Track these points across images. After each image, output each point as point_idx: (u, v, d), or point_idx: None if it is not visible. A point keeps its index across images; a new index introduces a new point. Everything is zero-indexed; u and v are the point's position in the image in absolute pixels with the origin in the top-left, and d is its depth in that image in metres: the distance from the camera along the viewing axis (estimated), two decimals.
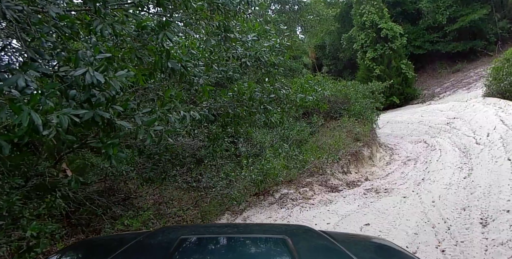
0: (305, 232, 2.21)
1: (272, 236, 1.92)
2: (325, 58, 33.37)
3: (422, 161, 10.02)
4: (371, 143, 10.35)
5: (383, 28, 21.85)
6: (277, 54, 4.39)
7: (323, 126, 11.58)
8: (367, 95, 12.85)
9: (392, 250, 1.96)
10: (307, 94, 4.25)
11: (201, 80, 3.03)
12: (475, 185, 6.47)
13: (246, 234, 2.04)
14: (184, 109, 3.90)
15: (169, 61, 2.42)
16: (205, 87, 3.01)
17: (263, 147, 8.65)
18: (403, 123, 16.78)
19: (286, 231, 2.16)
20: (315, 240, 1.97)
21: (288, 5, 18.69)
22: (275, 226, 3.28)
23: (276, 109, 4.29)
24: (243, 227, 2.87)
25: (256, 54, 3.82)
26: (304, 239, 1.99)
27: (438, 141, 11.68)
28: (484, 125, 10.53)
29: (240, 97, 4.51)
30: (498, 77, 13.01)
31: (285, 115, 4.25)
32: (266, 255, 1.72)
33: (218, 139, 4.31)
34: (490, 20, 24.37)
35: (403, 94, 22.64)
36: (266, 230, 2.33)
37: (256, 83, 4.61)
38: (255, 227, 2.95)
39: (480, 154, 8.50)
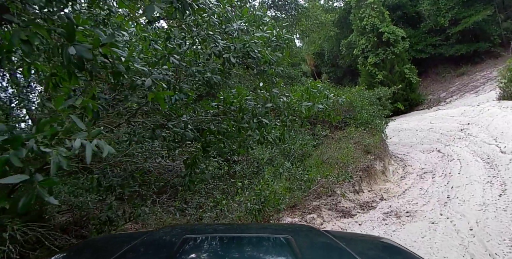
0: (308, 231, 2.24)
1: (275, 236, 1.94)
2: (324, 66, 32.55)
3: (440, 174, 8.91)
4: (383, 155, 9.26)
5: (385, 32, 20.98)
6: (273, 50, 3.36)
7: (327, 137, 10.52)
8: (374, 102, 11.81)
9: (395, 249, 1.94)
10: (315, 102, 3.20)
11: (148, 81, 1.95)
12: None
13: (249, 234, 2.04)
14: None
15: (74, 45, 1.36)
16: (158, 94, 1.94)
17: (261, 164, 7.58)
18: (411, 130, 15.70)
19: (289, 230, 2.18)
20: (318, 240, 1.97)
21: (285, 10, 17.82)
22: (278, 226, 3.37)
23: (274, 122, 3.23)
24: (246, 227, 2.77)
25: (244, 48, 2.78)
26: (307, 239, 1.99)
27: (454, 149, 10.59)
28: (506, 132, 9.45)
29: (227, 108, 3.47)
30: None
31: (286, 131, 3.18)
32: (269, 254, 1.70)
33: (198, 163, 3.26)
34: (494, 21, 23.57)
35: (408, 100, 21.66)
36: (269, 229, 2.39)
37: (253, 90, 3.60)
38: (258, 226, 3.03)
39: (510, 165, 7.40)
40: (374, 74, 21.64)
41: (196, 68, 2.70)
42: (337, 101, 3.40)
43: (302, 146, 7.91)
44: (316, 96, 3.19)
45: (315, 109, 3.10)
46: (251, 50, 2.76)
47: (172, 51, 2.37)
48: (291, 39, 27.53)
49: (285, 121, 3.17)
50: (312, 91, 3.29)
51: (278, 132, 3.22)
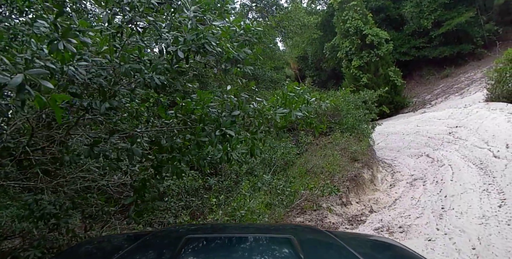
0: (311, 232, 2.24)
1: (278, 236, 1.93)
2: (308, 69, 32.18)
3: (431, 181, 8.41)
4: (370, 162, 8.71)
5: (368, 34, 20.62)
6: (241, 45, 2.73)
7: (311, 144, 9.95)
8: (360, 105, 11.30)
9: (398, 249, 1.92)
10: (293, 109, 2.58)
11: (15, 79, 1.25)
12: None
13: (251, 234, 2.01)
14: None
15: None
16: (53, 97, 1.27)
17: (240, 175, 6.94)
18: (397, 134, 15.28)
19: (292, 230, 2.18)
20: (321, 240, 1.96)
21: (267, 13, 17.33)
22: (281, 226, 3.33)
23: (245, 135, 2.60)
24: (248, 227, 2.77)
25: (198, 40, 2.14)
26: (310, 239, 1.98)
27: (444, 154, 10.13)
28: (497, 135, 9.02)
29: (188, 117, 2.83)
30: (502, 79, 11.66)
31: (256, 145, 2.54)
32: (271, 254, 1.69)
33: (148, 188, 2.60)
34: (476, 23, 23.52)
35: (393, 103, 21.34)
36: (272, 229, 2.36)
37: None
38: (260, 226, 3.00)
39: (506, 171, 6.93)
40: (358, 77, 21.25)
41: (131, 66, 2.04)
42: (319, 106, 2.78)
43: (284, 155, 7.28)
44: (294, 101, 2.56)
45: (292, 118, 2.47)
46: (207, 43, 2.12)
47: (67, 34, 1.68)
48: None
49: (256, 133, 2.52)
50: (289, 95, 2.67)
51: (246, 147, 2.58)
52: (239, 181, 6.73)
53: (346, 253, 1.63)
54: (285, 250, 1.69)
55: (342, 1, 21.72)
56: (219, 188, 6.21)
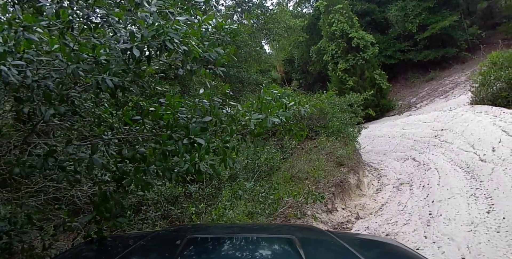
0: (312, 232, 2.20)
1: (279, 236, 1.94)
2: (295, 72, 32.12)
3: (418, 185, 8.29)
4: (357, 167, 8.54)
5: (354, 37, 20.61)
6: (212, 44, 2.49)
7: (297, 148, 9.74)
8: (345, 109, 11.15)
9: (400, 250, 1.91)
10: (269, 114, 2.34)
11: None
12: (511, 225, 4.69)
13: (253, 234, 2.01)
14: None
15: None
16: None
17: (223, 182, 6.68)
18: (383, 137, 15.19)
19: (293, 231, 2.16)
20: (322, 240, 1.96)
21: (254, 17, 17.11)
22: (282, 226, 3.25)
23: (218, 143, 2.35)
24: (250, 227, 2.72)
25: (159, 37, 1.89)
26: (311, 239, 1.98)
27: (430, 157, 10.05)
28: (483, 138, 8.96)
29: (156, 123, 2.59)
30: (487, 82, 11.67)
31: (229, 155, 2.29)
32: (273, 254, 1.69)
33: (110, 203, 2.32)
34: (460, 27, 23.78)
35: (379, 106, 21.32)
36: (273, 230, 2.35)
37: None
38: (261, 227, 2.97)
39: (493, 176, 6.83)
40: (344, 80, 21.21)
41: (78, 66, 1.77)
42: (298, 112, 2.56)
43: (267, 160, 7.04)
44: (270, 106, 2.33)
45: (268, 124, 2.24)
46: (169, 40, 1.87)
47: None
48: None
49: (228, 141, 2.28)
50: (266, 99, 2.43)
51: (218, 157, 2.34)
52: (221, 187, 6.47)
53: (347, 253, 1.63)
54: (287, 250, 1.71)
55: (328, 4, 21.70)
56: (200, 195, 5.93)
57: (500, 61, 11.56)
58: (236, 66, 15.07)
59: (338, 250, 1.74)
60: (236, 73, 14.25)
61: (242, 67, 15.60)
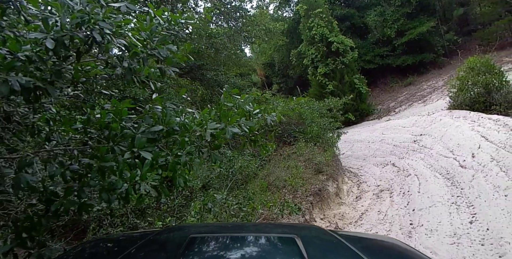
0: (315, 232, 2.20)
1: (282, 235, 1.90)
2: (275, 76, 31.97)
3: (398, 192, 8.08)
4: (336, 174, 8.27)
5: (334, 42, 20.57)
6: (163, 41, 2.12)
7: (275, 153, 9.41)
8: (324, 113, 10.91)
9: (402, 249, 1.90)
10: (228, 124, 1.98)
11: None
12: (496, 237, 4.47)
13: (255, 233, 1.98)
14: None
15: None
16: None
17: (196, 191, 6.28)
18: (363, 142, 15.06)
19: (296, 230, 2.13)
20: (325, 240, 1.93)
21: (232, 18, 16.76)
22: (285, 226, 3.26)
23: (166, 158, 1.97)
24: (252, 226, 2.70)
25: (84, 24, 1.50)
26: (314, 238, 1.94)
27: (410, 163, 9.90)
28: (462, 144, 8.84)
29: (101, 133, 2.19)
30: (464, 87, 11.66)
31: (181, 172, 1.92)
32: (275, 254, 1.67)
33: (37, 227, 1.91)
34: (437, 33, 24.16)
35: (358, 110, 21.35)
36: (275, 229, 2.34)
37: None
38: (264, 226, 2.97)
39: (474, 183, 6.66)
40: (324, 85, 21.13)
41: None
42: (265, 120, 2.21)
43: (242, 169, 6.65)
44: (231, 114, 1.97)
45: (227, 135, 1.88)
46: (98, 31, 1.49)
47: None
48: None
49: (180, 155, 1.90)
50: (227, 106, 2.07)
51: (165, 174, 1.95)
52: (193, 198, 6.06)
53: (350, 253, 1.61)
54: (289, 250, 1.66)
55: (307, 8, 21.61)
56: (169, 207, 5.50)
57: (477, 67, 11.57)
58: (214, 69, 14.68)
59: (340, 249, 1.72)
60: (213, 76, 13.85)
61: (220, 70, 15.21)
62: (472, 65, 11.85)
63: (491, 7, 22.92)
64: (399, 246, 1.97)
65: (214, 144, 1.98)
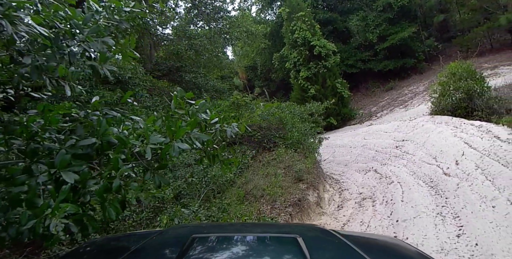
0: (317, 232, 2.21)
1: (284, 235, 1.91)
2: (257, 80, 31.64)
3: (381, 200, 7.79)
4: (317, 182, 7.91)
5: (316, 46, 20.37)
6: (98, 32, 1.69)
7: (254, 159, 9.02)
8: (306, 118, 10.58)
9: (404, 249, 1.91)
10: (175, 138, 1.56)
11: None
12: (486, 253, 4.17)
13: (257, 233, 1.99)
14: None
15: None
16: None
17: (166, 202, 5.81)
18: (345, 147, 14.83)
19: (298, 230, 2.15)
20: (327, 240, 1.93)
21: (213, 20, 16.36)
22: (287, 226, 3.25)
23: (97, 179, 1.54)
24: (254, 226, 2.69)
25: None
26: (316, 238, 1.95)
27: (392, 169, 9.65)
28: (445, 150, 8.65)
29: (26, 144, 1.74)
30: (446, 93, 11.53)
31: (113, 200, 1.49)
32: (277, 254, 1.67)
33: None
34: (418, 39, 24.32)
35: (340, 115, 21.19)
36: (277, 229, 2.34)
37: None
38: (266, 226, 2.96)
39: (459, 192, 6.41)
40: (306, 89, 20.88)
41: None
42: (224, 132, 1.80)
43: (216, 178, 6.21)
44: (179, 124, 1.55)
45: (172, 153, 1.47)
46: None
47: None
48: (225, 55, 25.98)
49: (113, 178, 1.47)
50: (178, 113, 1.66)
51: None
52: (162, 209, 5.59)
53: (352, 253, 1.61)
54: (291, 250, 1.64)
55: (290, 12, 21.39)
56: (134, 221, 5.02)
57: (459, 72, 11.48)
58: (193, 72, 14.23)
59: (342, 249, 1.70)
60: (192, 78, 13.39)
61: (200, 72, 14.77)
62: (454, 71, 11.75)
63: (470, 14, 23.19)
64: (402, 246, 1.97)
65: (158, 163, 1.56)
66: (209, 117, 1.72)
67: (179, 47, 14.91)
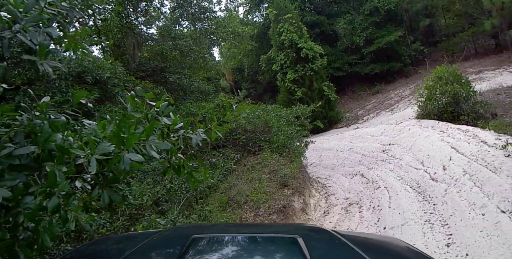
0: (317, 232, 2.20)
1: (284, 236, 1.90)
2: (244, 82, 31.40)
3: (368, 206, 7.62)
4: (302, 187, 7.68)
5: (303, 48, 20.23)
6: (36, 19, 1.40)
7: (239, 163, 8.76)
8: (292, 121, 10.37)
9: (405, 249, 1.90)
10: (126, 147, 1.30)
11: None
12: None
13: (258, 233, 1.98)
14: None
15: None
16: None
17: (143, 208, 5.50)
18: (331, 150, 14.67)
19: (298, 230, 2.14)
20: (327, 240, 1.92)
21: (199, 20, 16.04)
22: (287, 226, 3.24)
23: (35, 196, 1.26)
24: (254, 227, 2.73)
25: None
26: (316, 239, 1.94)
27: (379, 174, 9.51)
28: (432, 155, 8.53)
29: None
30: (433, 97, 11.49)
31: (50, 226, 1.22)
32: (278, 254, 1.66)
33: None
34: (404, 43, 24.45)
35: (327, 117, 21.08)
36: (278, 229, 2.34)
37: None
38: (266, 226, 2.99)
39: (447, 198, 6.27)
40: (293, 91, 20.71)
41: None
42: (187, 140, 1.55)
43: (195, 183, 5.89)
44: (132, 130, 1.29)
45: (122, 165, 1.21)
46: None
47: None
48: (211, 55, 25.63)
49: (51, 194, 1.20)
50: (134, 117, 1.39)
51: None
52: (139, 217, 5.28)
53: (352, 253, 1.59)
54: (291, 250, 1.63)
55: (277, 13, 21.24)
56: (108, 230, 4.69)
57: (445, 76, 11.45)
58: (178, 72, 13.90)
59: (342, 249, 1.69)
60: (176, 79, 13.05)
61: (185, 73, 14.45)
62: (440, 75, 11.72)
63: (455, 19, 23.45)
64: (402, 247, 1.96)
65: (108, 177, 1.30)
66: (171, 122, 1.46)
67: (163, 48, 14.57)
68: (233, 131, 9.08)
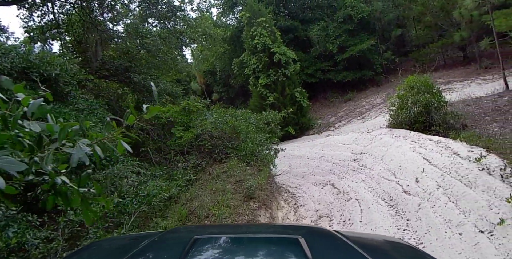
0: (319, 233, 2.20)
1: (286, 236, 1.91)
2: (216, 85, 30.74)
3: (339, 220, 7.22)
4: (270, 200, 7.17)
5: (276, 53, 19.89)
6: None
7: (204, 172, 8.16)
8: (262, 128, 9.88)
9: (408, 250, 1.90)
10: None
11: None
12: None
13: (259, 234, 2.00)
14: None
15: None
16: None
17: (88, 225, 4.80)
18: (302, 158, 14.31)
19: (300, 231, 2.13)
20: (329, 240, 1.89)
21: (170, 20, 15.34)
22: (289, 227, 3.22)
23: None
24: (256, 227, 2.76)
25: None
26: (318, 239, 1.89)
27: (350, 185, 9.18)
28: (405, 166, 8.27)
29: None
30: (404, 106, 11.33)
31: None
32: (279, 255, 1.68)
33: None
34: (376, 51, 24.66)
35: (299, 124, 20.78)
36: (280, 230, 2.36)
37: None
38: (268, 227, 2.95)
39: (421, 213, 5.94)
40: (265, 96, 20.30)
41: None
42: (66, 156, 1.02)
43: (149, 198, 5.23)
44: None
45: None
46: None
47: None
48: (181, 56, 24.80)
49: None
50: None
51: None
52: (82, 236, 4.60)
53: (354, 253, 1.58)
54: (293, 251, 1.63)
55: (251, 16, 20.83)
56: (40, 253, 3.99)
57: (417, 86, 11.34)
58: (144, 73, 13.13)
59: (345, 250, 1.67)
60: (142, 80, 12.29)
61: (151, 74, 13.70)
62: (412, 84, 11.61)
63: (425, 30, 23.88)
64: (405, 247, 1.96)
65: None
66: (39, 130, 0.92)
67: (130, 46, 13.79)
68: (199, 137, 8.49)
